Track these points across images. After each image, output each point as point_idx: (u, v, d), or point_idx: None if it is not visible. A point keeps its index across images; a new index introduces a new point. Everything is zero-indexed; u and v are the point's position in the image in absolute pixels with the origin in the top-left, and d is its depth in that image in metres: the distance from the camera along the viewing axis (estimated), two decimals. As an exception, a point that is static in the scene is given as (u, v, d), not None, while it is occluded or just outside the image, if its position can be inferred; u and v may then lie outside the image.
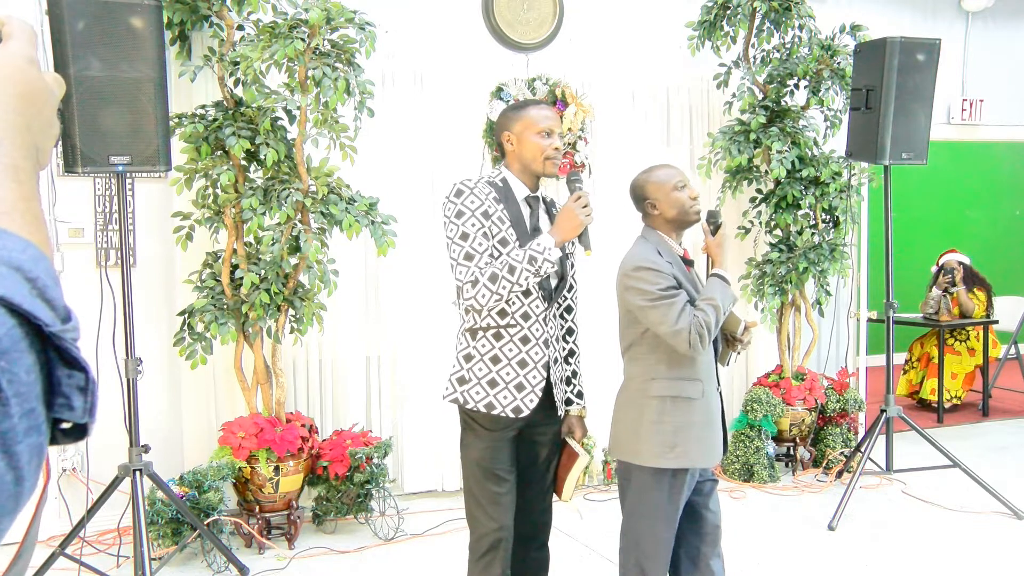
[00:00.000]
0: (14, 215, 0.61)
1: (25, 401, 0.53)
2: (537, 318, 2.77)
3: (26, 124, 0.66)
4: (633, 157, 5.16)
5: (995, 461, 5.58)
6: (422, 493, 5.02)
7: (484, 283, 2.63)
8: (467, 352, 2.80)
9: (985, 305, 7.17)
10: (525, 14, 5.26)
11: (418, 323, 4.96)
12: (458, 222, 2.69)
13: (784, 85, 5.36)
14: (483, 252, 2.67)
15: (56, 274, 0.60)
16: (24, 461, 0.53)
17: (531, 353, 2.76)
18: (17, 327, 0.54)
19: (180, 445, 4.65)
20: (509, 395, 2.75)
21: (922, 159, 4.94)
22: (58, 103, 0.72)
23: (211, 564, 4.02)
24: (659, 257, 2.77)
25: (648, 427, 2.77)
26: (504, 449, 2.81)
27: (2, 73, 0.66)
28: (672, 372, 2.78)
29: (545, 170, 2.82)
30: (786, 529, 4.58)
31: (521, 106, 2.88)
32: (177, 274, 4.54)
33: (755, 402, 5.28)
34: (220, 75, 4.25)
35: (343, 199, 4.20)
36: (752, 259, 5.50)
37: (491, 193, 2.74)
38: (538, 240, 2.68)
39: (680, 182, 2.84)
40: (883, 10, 6.12)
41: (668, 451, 2.74)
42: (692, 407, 2.78)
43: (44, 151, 0.69)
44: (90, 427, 0.60)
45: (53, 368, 0.56)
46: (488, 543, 2.80)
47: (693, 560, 2.90)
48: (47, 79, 0.71)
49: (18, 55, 0.68)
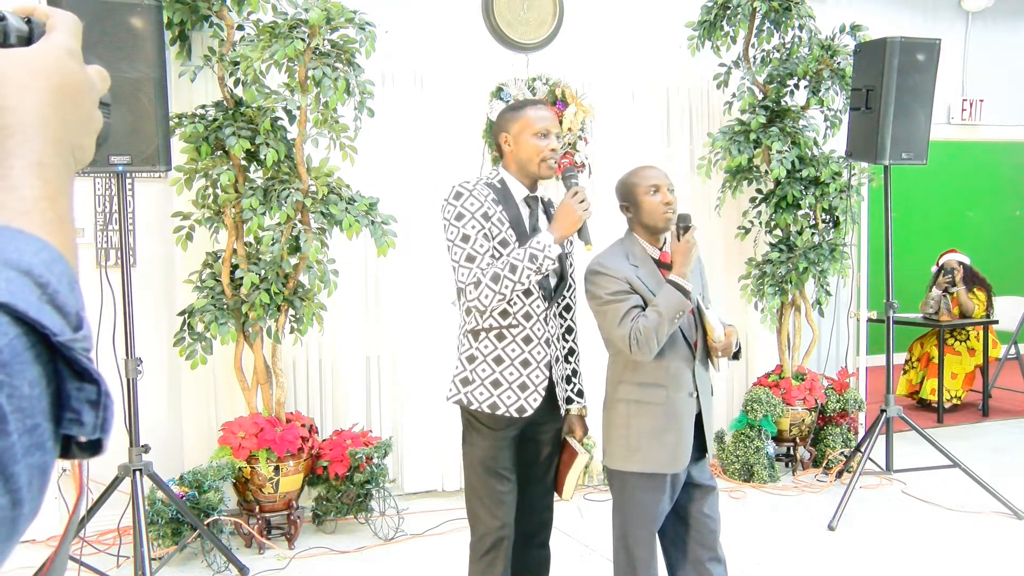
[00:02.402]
0: (34, 215, 0.58)
1: (28, 417, 0.50)
2: (539, 317, 2.78)
3: (61, 118, 0.64)
4: (633, 157, 5.15)
5: (995, 461, 5.58)
6: (422, 493, 5.02)
7: (487, 284, 2.64)
8: (470, 353, 2.81)
9: (985, 305, 7.16)
10: (525, 14, 5.26)
11: (418, 323, 4.96)
12: (458, 224, 2.69)
13: (784, 85, 5.36)
14: (484, 253, 2.67)
15: (74, 277, 0.57)
16: (22, 482, 0.50)
17: (534, 353, 2.78)
18: (22, 336, 0.51)
19: (180, 445, 4.65)
20: (513, 395, 2.76)
21: (922, 159, 4.94)
22: (100, 96, 0.70)
23: (211, 564, 4.02)
24: (621, 261, 2.77)
25: (615, 430, 2.81)
26: (507, 448, 2.81)
27: (37, 65, 0.64)
28: (635, 376, 2.78)
29: (541, 172, 2.82)
30: (786, 529, 4.58)
31: (518, 107, 2.88)
32: (177, 274, 4.54)
33: (755, 402, 5.28)
34: (220, 75, 4.25)
35: (343, 199, 4.20)
36: (752, 259, 5.50)
37: (490, 195, 2.74)
38: (537, 238, 2.69)
39: (653, 186, 2.79)
40: (883, 10, 6.12)
41: (633, 454, 2.76)
42: (654, 412, 2.76)
43: (83, 147, 0.67)
44: (104, 443, 0.56)
45: (62, 380, 0.53)
46: (490, 542, 2.80)
47: (689, 563, 2.90)
48: (88, 72, 0.69)
49: (57, 47, 0.66)
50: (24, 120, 0.62)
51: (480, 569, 2.83)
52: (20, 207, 0.58)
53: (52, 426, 0.52)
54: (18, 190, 0.59)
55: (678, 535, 2.90)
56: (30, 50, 0.66)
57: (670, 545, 2.92)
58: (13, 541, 0.50)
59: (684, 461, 2.80)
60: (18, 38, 0.67)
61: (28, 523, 0.51)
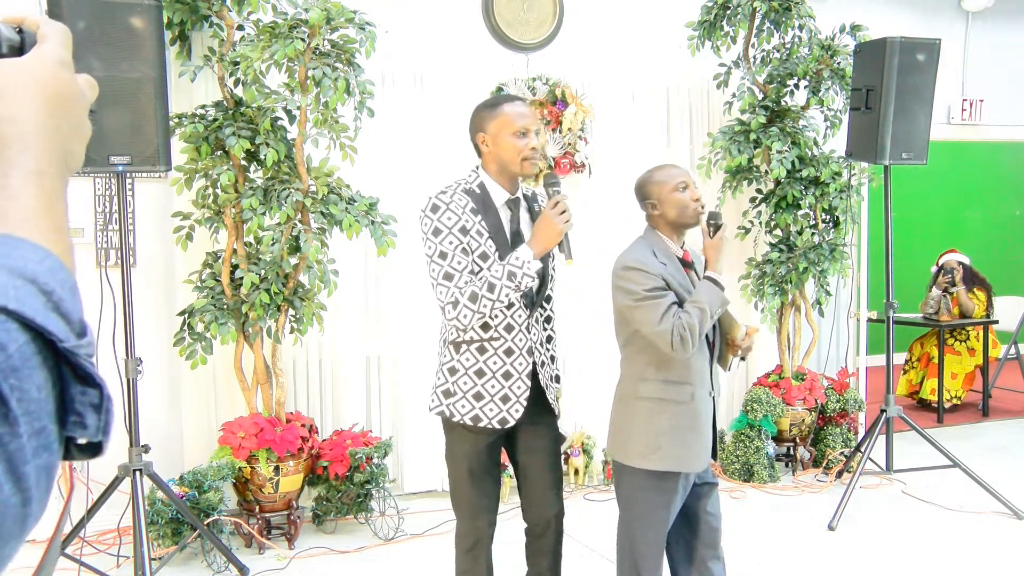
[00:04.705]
0: (35, 223, 0.60)
1: (36, 419, 0.51)
2: (520, 328, 2.74)
3: (55, 127, 0.65)
4: (633, 157, 5.17)
5: (995, 461, 5.58)
6: (422, 493, 5.02)
7: (464, 303, 2.59)
8: (451, 365, 2.77)
9: (985, 305, 7.16)
10: (525, 14, 5.26)
11: (418, 323, 4.96)
12: (435, 240, 2.63)
13: (784, 85, 5.36)
14: (462, 270, 2.61)
15: (75, 285, 0.58)
16: (32, 482, 0.51)
17: (515, 364, 2.73)
18: (30, 342, 0.52)
19: (180, 445, 4.65)
20: (495, 407, 2.73)
21: (922, 159, 4.94)
22: (89, 105, 0.71)
23: (211, 564, 4.02)
24: (651, 258, 2.75)
25: (636, 427, 2.78)
26: (487, 450, 2.82)
27: (32, 76, 0.66)
28: (661, 374, 2.77)
29: (523, 171, 2.71)
30: (786, 529, 4.58)
31: (494, 103, 2.77)
32: (177, 274, 4.54)
33: (755, 402, 5.28)
34: (220, 75, 4.25)
35: (343, 199, 4.20)
36: (752, 259, 5.50)
37: (468, 204, 2.65)
38: (516, 253, 2.60)
39: (682, 183, 2.82)
40: (883, 10, 6.12)
41: (652, 452, 2.74)
42: (679, 411, 2.76)
43: (74, 154, 0.68)
44: (105, 445, 0.57)
45: (66, 384, 0.54)
46: (473, 538, 2.86)
47: (692, 562, 2.90)
48: (79, 82, 0.70)
49: (50, 57, 0.68)
50: (22, 130, 0.63)
51: (468, 562, 2.89)
52: (22, 215, 0.60)
53: (57, 428, 0.54)
54: (19, 199, 0.60)
55: (682, 534, 2.90)
56: (24, 60, 0.67)
57: (673, 544, 2.92)
58: (22, 538, 0.52)
59: (705, 460, 2.82)
60: (9, 48, 0.68)
61: (36, 522, 0.53)
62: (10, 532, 0.50)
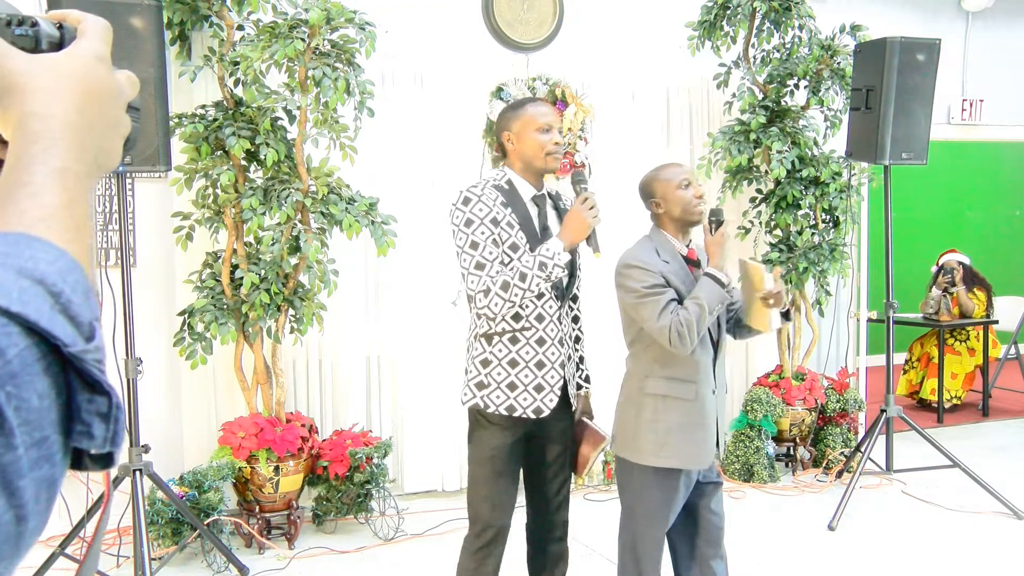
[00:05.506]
0: (53, 222, 0.58)
1: (36, 429, 0.49)
2: (551, 318, 2.79)
3: (87, 124, 0.64)
4: (633, 157, 5.17)
5: (995, 461, 5.58)
6: (422, 493, 5.02)
7: (496, 292, 2.65)
8: (484, 357, 2.81)
9: (985, 305, 7.17)
10: (525, 14, 5.26)
11: (418, 323, 4.96)
12: (467, 231, 2.70)
13: (784, 85, 5.36)
14: (493, 260, 2.68)
15: (88, 286, 0.56)
16: (28, 497, 0.48)
17: (547, 354, 2.79)
18: (32, 347, 0.49)
19: (180, 445, 4.65)
20: (529, 397, 2.78)
21: (922, 159, 4.94)
22: (128, 101, 0.70)
23: (211, 564, 4.02)
24: (653, 256, 2.77)
25: (642, 424, 2.79)
26: (515, 447, 2.83)
27: (67, 71, 0.65)
28: (666, 371, 2.78)
29: (547, 165, 2.82)
30: (786, 529, 4.58)
31: (519, 104, 2.89)
32: (177, 274, 4.54)
33: (755, 402, 5.28)
34: (220, 75, 4.25)
35: (343, 199, 4.20)
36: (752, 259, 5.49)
37: (498, 198, 2.75)
38: (547, 245, 2.69)
39: (685, 180, 2.84)
40: (883, 10, 6.12)
41: (659, 450, 2.75)
42: (685, 408, 2.77)
43: (108, 151, 0.67)
44: (115, 455, 0.55)
45: (73, 391, 0.51)
46: (490, 536, 2.83)
47: (695, 560, 2.90)
48: (118, 77, 0.69)
49: (87, 53, 0.67)
50: (51, 126, 0.62)
51: (474, 563, 2.86)
52: (41, 213, 0.58)
53: (62, 438, 0.51)
54: (39, 196, 0.59)
55: (685, 532, 2.90)
56: (59, 56, 0.66)
57: (677, 543, 2.93)
58: (18, 558, 0.49)
59: (710, 458, 2.83)
60: (49, 44, 0.67)
61: (35, 538, 0.50)
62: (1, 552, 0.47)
